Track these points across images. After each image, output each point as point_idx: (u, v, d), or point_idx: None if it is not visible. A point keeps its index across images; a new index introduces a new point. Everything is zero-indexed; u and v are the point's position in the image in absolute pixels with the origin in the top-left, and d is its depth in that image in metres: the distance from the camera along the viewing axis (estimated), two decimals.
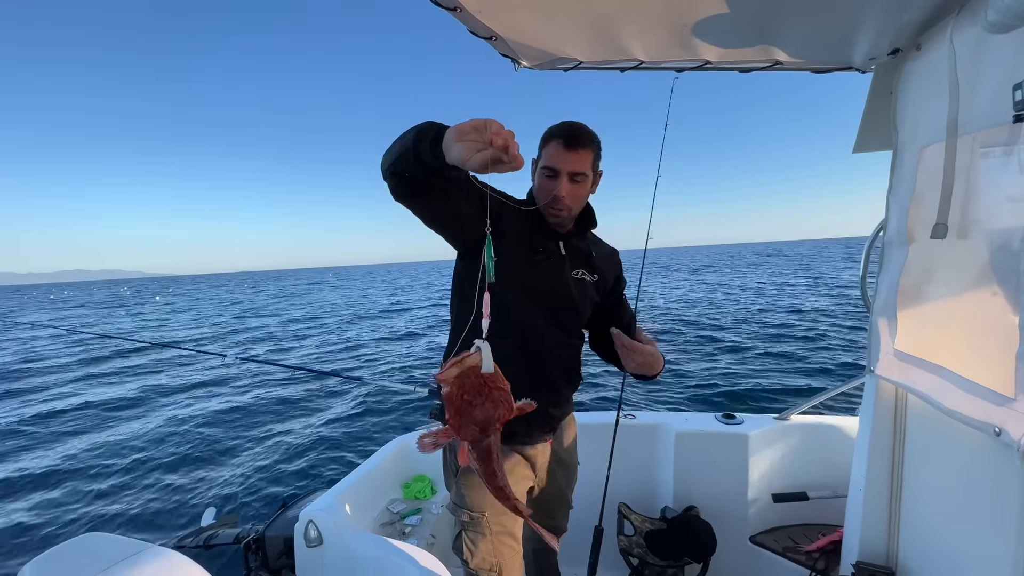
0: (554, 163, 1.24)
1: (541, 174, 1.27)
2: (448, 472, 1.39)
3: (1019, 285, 0.84)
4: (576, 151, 1.24)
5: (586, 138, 1.25)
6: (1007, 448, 0.86)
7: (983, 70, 0.95)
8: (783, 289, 21.85)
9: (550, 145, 1.25)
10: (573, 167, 1.24)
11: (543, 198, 1.27)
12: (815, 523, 1.90)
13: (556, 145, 1.24)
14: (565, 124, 1.27)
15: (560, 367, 1.37)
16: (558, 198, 1.25)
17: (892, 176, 1.29)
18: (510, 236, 1.24)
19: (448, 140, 0.83)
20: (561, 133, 1.24)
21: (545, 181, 1.26)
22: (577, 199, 1.28)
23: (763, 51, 1.31)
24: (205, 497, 4.33)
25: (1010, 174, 0.91)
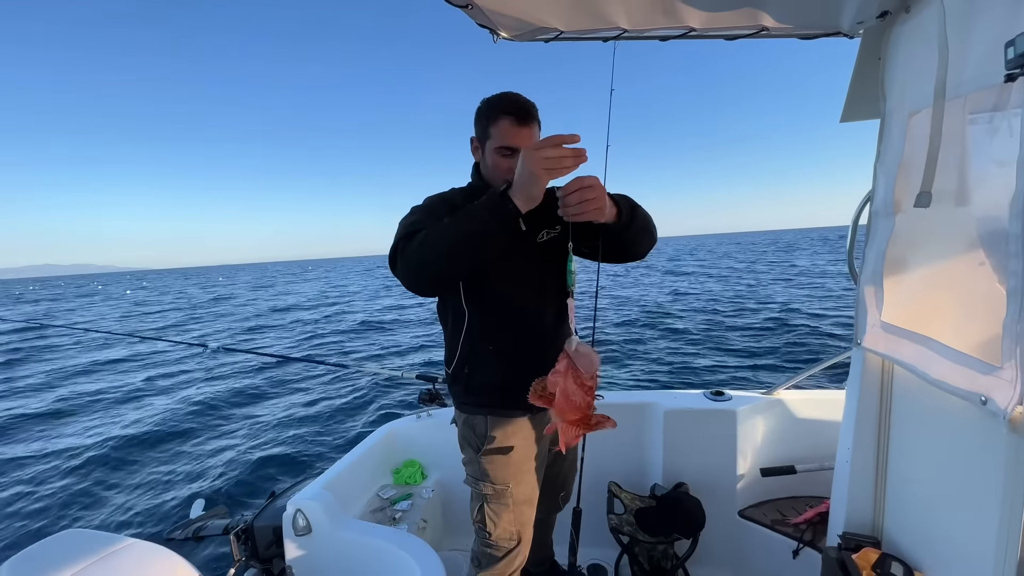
0: (511, 141, 1.22)
1: (496, 154, 1.24)
2: (468, 449, 1.41)
3: (1007, 252, 0.82)
4: (529, 126, 1.24)
5: (534, 111, 1.25)
6: (993, 417, 0.85)
7: (974, 30, 0.92)
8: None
9: (500, 123, 1.22)
10: (529, 142, 1.23)
11: (502, 175, 1.24)
12: (802, 495, 1.93)
13: (508, 123, 1.22)
14: (509, 98, 1.24)
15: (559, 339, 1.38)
16: None
17: (880, 144, 1.26)
18: None
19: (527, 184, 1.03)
20: (510, 109, 1.22)
21: (502, 160, 1.23)
22: None
23: (749, 16, 1.27)
24: (193, 489, 4.31)
25: (1000, 137, 0.88)
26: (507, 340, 1.31)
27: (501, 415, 1.34)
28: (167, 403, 7.28)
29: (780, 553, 1.72)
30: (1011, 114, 0.83)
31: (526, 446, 1.36)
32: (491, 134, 1.24)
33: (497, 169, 1.25)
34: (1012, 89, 0.80)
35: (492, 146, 1.24)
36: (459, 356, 1.33)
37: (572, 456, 1.63)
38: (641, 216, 1.27)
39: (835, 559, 1.23)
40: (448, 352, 1.38)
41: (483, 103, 1.27)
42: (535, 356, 1.34)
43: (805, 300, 13.83)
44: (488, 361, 1.31)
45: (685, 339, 9.63)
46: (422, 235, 1.11)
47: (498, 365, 1.31)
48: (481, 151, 1.30)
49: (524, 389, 1.33)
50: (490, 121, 1.24)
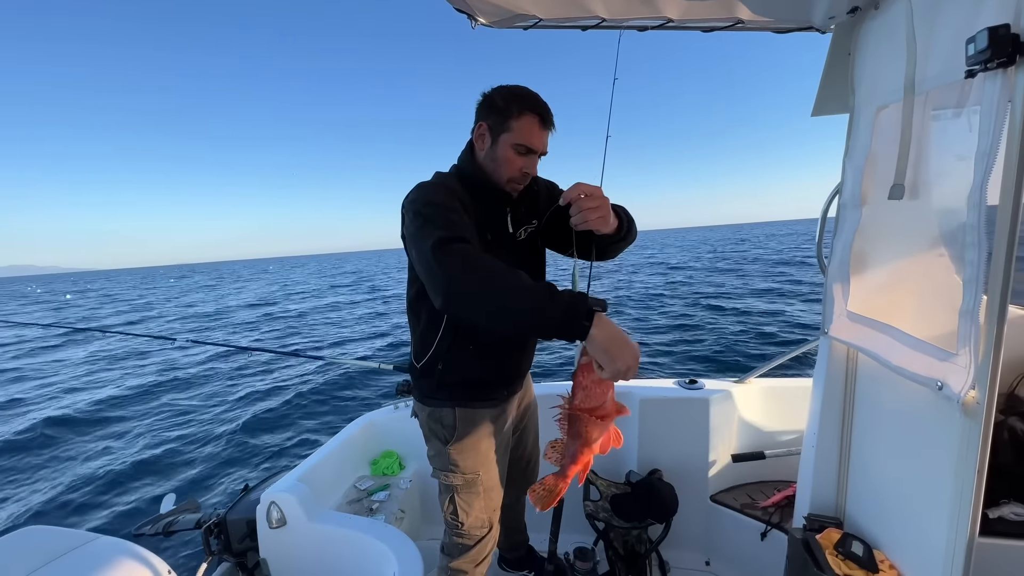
0: (532, 142, 1.20)
1: (512, 149, 1.19)
2: (434, 441, 1.39)
3: (964, 243, 0.85)
4: (548, 130, 1.23)
5: (552, 115, 1.23)
6: (948, 400, 0.89)
7: (939, 26, 0.94)
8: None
9: (524, 119, 1.18)
10: (545, 147, 1.24)
11: (509, 172, 1.22)
12: (771, 480, 1.99)
13: (532, 121, 1.19)
14: (533, 96, 1.20)
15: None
16: (528, 175, 1.25)
17: (848, 139, 1.30)
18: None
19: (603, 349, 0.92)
20: (536, 108, 1.19)
21: (517, 157, 1.21)
22: (536, 170, 1.29)
23: (725, 8, 1.28)
24: (164, 484, 4.20)
25: (959, 132, 0.91)
26: (490, 341, 1.30)
27: (469, 407, 1.35)
28: (132, 397, 7.06)
29: (749, 535, 1.77)
30: (970, 110, 0.85)
31: (492, 434, 1.38)
32: (512, 127, 1.18)
33: (509, 165, 1.21)
34: (972, 85, 0.83)
35: (510, 140, 1.19)
36: (433, 352, 1.31)
37: (534, 436, 1.66)
38: (634, 228, 1.30)
39: (800, 540, 1.27)
40: (419, 346, 1.35)
41: (503, 92, 1.20)
42: (513, 353, 1.39)
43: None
44: (465, 359, 1.30)
45: (659, 329, 9.80)
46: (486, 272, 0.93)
47: (475, 363, 1.31)
48: (490, 140, 1.22)
49: (496, 384, 1.37)
50: (513, 115, 1.17)
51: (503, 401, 1.41)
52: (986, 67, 0.77)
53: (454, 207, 1.11)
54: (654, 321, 10.78)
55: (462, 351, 1.29)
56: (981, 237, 0.81)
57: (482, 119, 1.23)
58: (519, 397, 1.50)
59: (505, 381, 1.39)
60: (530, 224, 1.38)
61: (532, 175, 1.26)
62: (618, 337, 0.92)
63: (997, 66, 0.75)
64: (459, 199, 1.16)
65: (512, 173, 1.22)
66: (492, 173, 1.24)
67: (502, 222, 1.30)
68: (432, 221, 1.04)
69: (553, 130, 1.24)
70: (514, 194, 1.29)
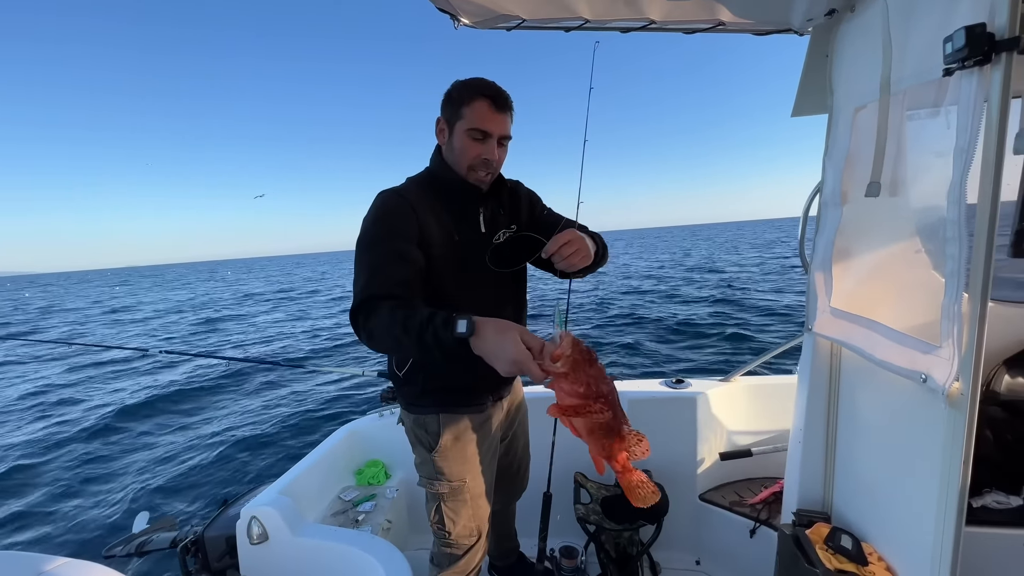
0: (485, 125, 1.18)
1: (467, 136, 1.19)
2: (420, 449, 1.36)
3: (944, 237, 0.87)
4: (504, 113, 1.20)
5: (510, 100, 1.22)
6: (932, 393, 0.91)
7: (915, 27, 0.96)
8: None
9: (475, 104, 1.17)
10: (503, 130, 1.21)
11: (469, 160, 1.21)
12: (758, 476, 2.01)
13: (484, 105, 1.17)
14: (486, 82, 1.20)
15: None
16: (489, 162, 1.22)
17: (828, 139, 1.32)
18: (436, 247, 1.20)
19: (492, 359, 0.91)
20: (488, 92, 1.18)
21: (472, 143, 1.19)
22: (502, 161, 1.27)
23: (707, 10, 1.29)
24: (137, 502, 4.03)
25: (937, 130, 0.93)
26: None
27: (454, 412, 1.32)
28: (104, 411, 6.78)
29: (738, 533, 1.78)
30: (948, 107, 0.87)
31: (479, 439, 1.35)
32: (463, 115, 1.18)
33: (466, 152, 1.20)
34: (949, 83, 0.85)
35: (463, 127, 1.18)
36: (414, 360, 1.28)
37: (524, 442, 1.64)
38: (607, 251, 1.37)
39: (790, 536, 1.28)
40: (399, 358, 1.32)
41: (457, 84, 1.20)
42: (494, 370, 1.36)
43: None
44: (447, 365, 1.26)
45: (646, 330, 9.89)
46: (385, 325, 1.01)
47: (458, 369, 1.26)
48: (448, 133, 1.23)
49: (481, 389, 1.35)
50: (464, 102, 1.17)
51: (489, 406, 1.38)
52: (963, 65, 0.79)
53: (395, 233, 1.15)
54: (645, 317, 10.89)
55: None
56: (962, 232, 0.83)
57: (441, 115, 1.24)
58: (507, 402, 1.47)
59: (490, 386, 1.37)
60: (508, 229, 1.37)
61: (492, 160, 1.21)
62: (491, 340, 0.90)
63: (974, 64, 0.77)
64: (417, 214, 1.17)
65: (470, 160, 1.20)
66: (455, 166, 1.24)
67: (473, 222, 1.29)
68: (361, 270, 1.12)
69: (510, 111, 1.22)
70: (482, 186, 1.27)
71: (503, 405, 1.45)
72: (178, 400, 7.01)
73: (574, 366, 0.88)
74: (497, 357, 0.90)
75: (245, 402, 6.66)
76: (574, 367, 0.88)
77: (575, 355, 0.88)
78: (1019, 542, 1.15)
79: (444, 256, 1.21)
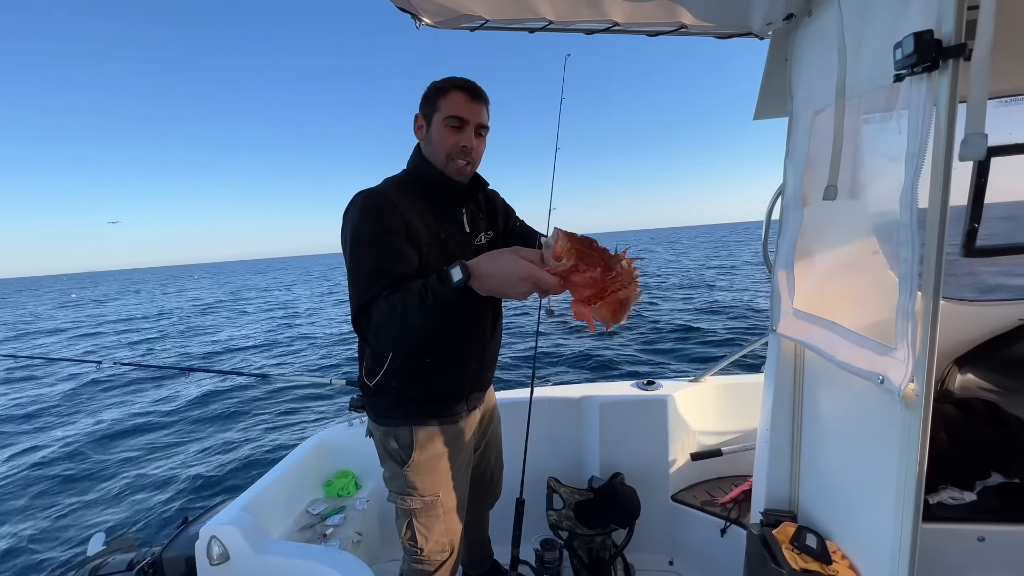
0: (461, 112, 1.19)
1: (444, 124, 1.20)
2: (390, 463, 1.32)
3: (899, 240, 0.88)
4: (479, 103, 1.22)
5: (485, 94, 1.24)
6: (889, 394, 0.92)
7: (867, 32, 0.98)
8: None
9: (451, 96, 1.19)
10: (480, 118, 1.22)
11: (447, 148, 1.21)
12: (729, 475, 2.04)
13: (459, 96, 1.20)
14: (461, 78, 1.22)
15: (495, 338, 1.40)
16: (467, 149, 1.21)
17: (788, 142, 1.34)
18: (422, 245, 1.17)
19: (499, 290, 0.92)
20: (463, 85, 1.21)
21: (450, 132, 1.20)
22: (480, 153, 1.27)
23: (669, 13, 1.29)
24: (92, 522, 3.83)
25: (889, 134, 0.95)
26: (447, 353, 1.25)
27: (427, 424, 1.28)
28: (57, 424, 6.45)
29: (710, 532, 1.80)
30: (899, 112, 0.89)
31: (452, 452, 1.31)
32: (440, 106, 1.20)
33: (444, 141, 1.20)
34: (900, 89, 0.86)
35: (440, 118, 1.19)
36: (387, 370, 1.23)
37: (497, 450, 1.61)
38: None
39: (758, 536, 1.29)
40: (371, 364, 1.27)
41: (433, 83, 1.24)
42: (472, 365, 1.32)
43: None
44: (422, 374, 1.24)
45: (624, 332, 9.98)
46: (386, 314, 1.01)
47: (432, 378, 1.25)
48: (426, 127, 1.23)
49: (456, 399, 1.31)
50: (441, 95, 1.20)
51: (463, 417, 1.34)
52: (912, 71, 0.80)
53: (385, 230, 1.11)
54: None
55: (418, 366, 1.23)
56: (914, 235, 0.84)
57: (419, 112, 1.26)
58: (480, 411, 1.44)
59: (465, 395, 1.33)
60: (488, 232, 1.37)
61: (470, 147, 1.21)
62: (491, 271, 0.91)
63: (923, 70, 0.78)
64: (399, 209, 1.14)
65: (449, 148, 1.20)
66: (434, 160, 1.23)
67: (458, 222, 1.28)
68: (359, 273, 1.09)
69: (486, 104, 1.24)
70: (461, 179, 1.26)
71: (476, 414, 1.42)
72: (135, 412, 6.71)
73: (579, 255, 0.87)
74: (504, 282, 0.89)
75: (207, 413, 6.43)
76: (580, 256, 0.87)
77: (575, 245, 0.87)
78: (973, 536, 1.19)
79: (432, 254, 1.18)
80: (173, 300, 30.85)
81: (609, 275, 0.88)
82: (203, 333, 15.30)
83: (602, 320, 0.93)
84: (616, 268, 0.90)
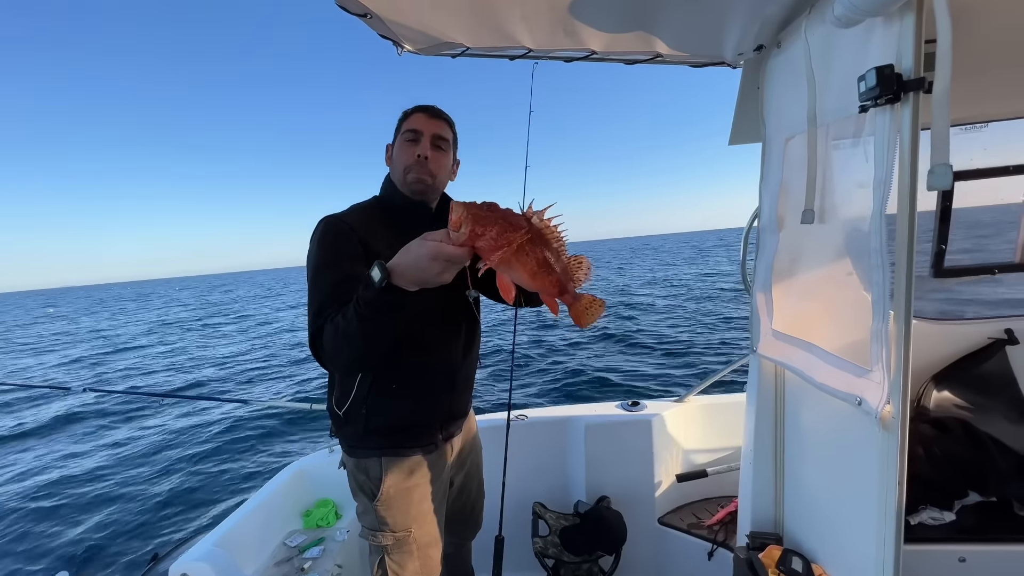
0: (417, 125, 1.25)
1: (402, 140, 1.26)
2: (361, 497, 1.27)
3: (870, 265, 0.90)
4: (438, 120, 1.27)
5: (446, 115, 1.30)
6: (867, 415, 0.93)
7: (833, 64, 1.02)
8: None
9: (412, 116, 1.27)
10: (436, 130, 1.26)
11: (404, 162, 1.25)
12: (715, 496, 2.02)
13: (418, 115, 1.27)
14: (423, 104, 1.30)
15: (469, 361, 1.37)
16: (423, 159, 1.24)
17: (763, 166, 1.37)
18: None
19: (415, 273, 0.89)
20: (422, 107, 1.28)
21: (407, 146, 1.25)
22: (440, 167, 1.28)
23: (644, 42, 1.33)
24: (56, 556, 3.62)
25: (857, 161, 0.98)
26: (413, 377, 1.22)
27: (398, 455, 1.23)
28: (22, 452, 6.14)
29: (697, 555, 1.78)
30: (865, 141, 0.92)
31: (426, 484, 1.26)
32: (401, 128, 1.27)
33: (401, 154, 1.25)
34: (865, 120, 0.89)
35: (400, 134, 1.26)
36: (355, 397, 1.20)
37: (478, 481, 1.54)
38: None
39: (744, 560, 1.28)
40: (339, 392, 1.23)
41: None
42: (443, 392, 1.29)
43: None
44: (391, 401, 1.20)
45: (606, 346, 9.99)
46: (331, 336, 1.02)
47: (402, 405, 1.21)
48: (391, 151, 1.30)
49: (428, 426, 1.27)
50: (404, 117, 1.28)
51: (438, 446, 1.29)
52: (876, 103, 0.83)
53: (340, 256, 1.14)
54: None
55: (385, 391, 1.19)
56: (884, 260, 0.86)
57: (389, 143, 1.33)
58: (459, 439, 1.40)
59: (439, 423, 1.29)
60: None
61: (424, 156, 1.23)
62: (405, 261, 0.91)
63: (886, 102, 0.81)
64: (357, 234, 1.16)
65: (407, 161, 1.24)
66: (397, 180, 1.27)
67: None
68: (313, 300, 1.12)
69: (446, 123, 1.29)
70: (422, 196, 1.27)
71: (454, 444, 1.37)
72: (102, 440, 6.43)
73: (475, 219, 0.85)
74: (419, 268, 0.89)
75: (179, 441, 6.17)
76: (476, 220, 0.85)
77: (470, 211, 0.85)
78: (955, 557, 1.19)
79: None
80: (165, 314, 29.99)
81: (509, 229, 0.86)
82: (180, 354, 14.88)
83: (525, 285, 0.91)
84: (520, 223, 0.87)
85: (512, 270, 0.89)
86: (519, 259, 0.88)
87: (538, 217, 0.90)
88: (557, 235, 0.92)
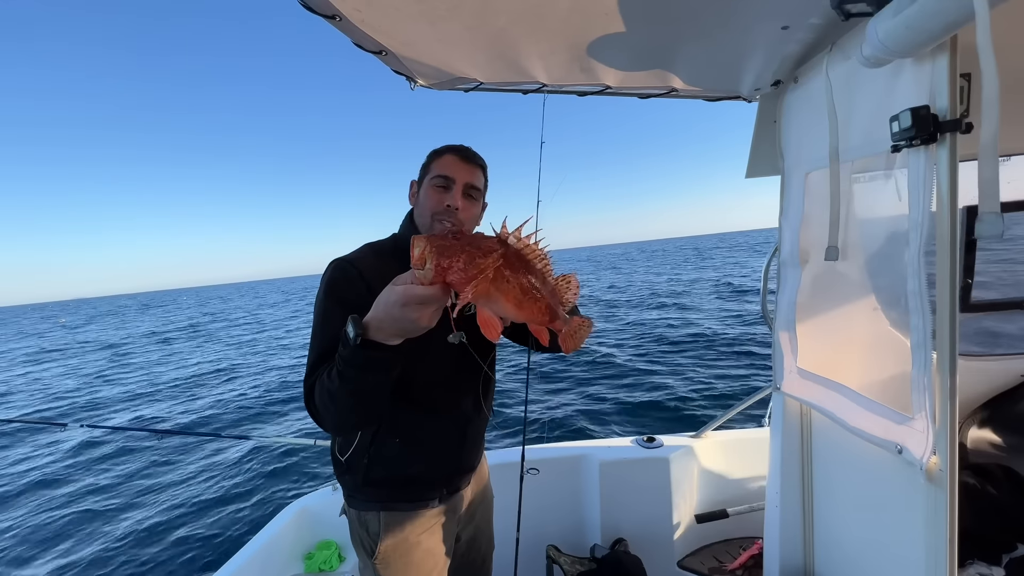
0: (449, 171, 1.14)
1: (431, 184, 1.15)
2: (360, 552, 1.18)
3: (907, 308, 0.87)
4: (472, 166, 1.17)
5: (480, 159, 1.20)
6: (910, 465, 0.88)
7: (857, 102, 1.00)
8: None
9: (443, 158, 1.16)
10: (469, 179, 1.16)
11: (431, 208, 1.14)
12: (735, 537, 1.94)
13: (451, 158, 1.17)
14: (457, 144, 1.20)
15: (481, 417, 1.28)
16: (452, 209, 1.13)
17: (782, 200, 1.35)
18: None
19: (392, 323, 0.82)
20: (455, 149, 1.18)
21: (436, 192, 1.14)
22: (470, 217, 1.17)
23: (659, 77, 1.32)
24: None
25: (887, 200, 0.95)
26: (419, 431, 1.15)
27: (399, 510, 1.15)
28: (12, 496, 5.95)
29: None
30: (898, 180, 0.90)
31: (428, 542, 1.17)
32: (431, 169, 1.16)
33: (428, 200, 1.15)
34: (897, 159, 0.87)
35: (429, 177, 1.16)
36: (357, 446, 1.13)
37: (488, 535, 1.42)
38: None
39: None
40: (343, 439, 1.17)
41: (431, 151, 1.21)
42: (451, 446, 1.21)
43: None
44: (395, 454, 1.13)
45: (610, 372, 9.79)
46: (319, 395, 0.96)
47: (406, 458, 1.13)
48: (418, 191, 1.20)
49: (432, 482, 1.18)
50: (434, 157, 1.18)
51: (442, 502, 1.20)
52: (911, 143, 0.80)
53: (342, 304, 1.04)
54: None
55: (389, 442, 1.12)
56: (924, 303, 0.83)
57: (414, 179, 1.23)
58: (469, 492, 1.30)
59: (444, 479, 1.20)
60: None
61: (455, 207, 1.13)
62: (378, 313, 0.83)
63: (921, 143, 0.79)
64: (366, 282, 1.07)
65: (434, 207, 1.14)
66: (421, 223, 1.17)
67: None
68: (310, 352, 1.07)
69: (479, 168, 1.19)
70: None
71: (463, 497, 1.27)
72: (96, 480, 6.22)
73: (439, 251, 0.74)
74: (392, 317, 0.81)
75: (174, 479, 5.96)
76: (440, 251, 0.74)
77: (432, 243, 0.75)
78: None
79: None
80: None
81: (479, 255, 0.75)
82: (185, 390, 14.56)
83: (511, 317, 0.80)
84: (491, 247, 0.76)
85: (493, 302, 0.77)
86: (499, 288, 0.76)
87: (515, 236, 0.79)
88: (540, 254, 0.80)
